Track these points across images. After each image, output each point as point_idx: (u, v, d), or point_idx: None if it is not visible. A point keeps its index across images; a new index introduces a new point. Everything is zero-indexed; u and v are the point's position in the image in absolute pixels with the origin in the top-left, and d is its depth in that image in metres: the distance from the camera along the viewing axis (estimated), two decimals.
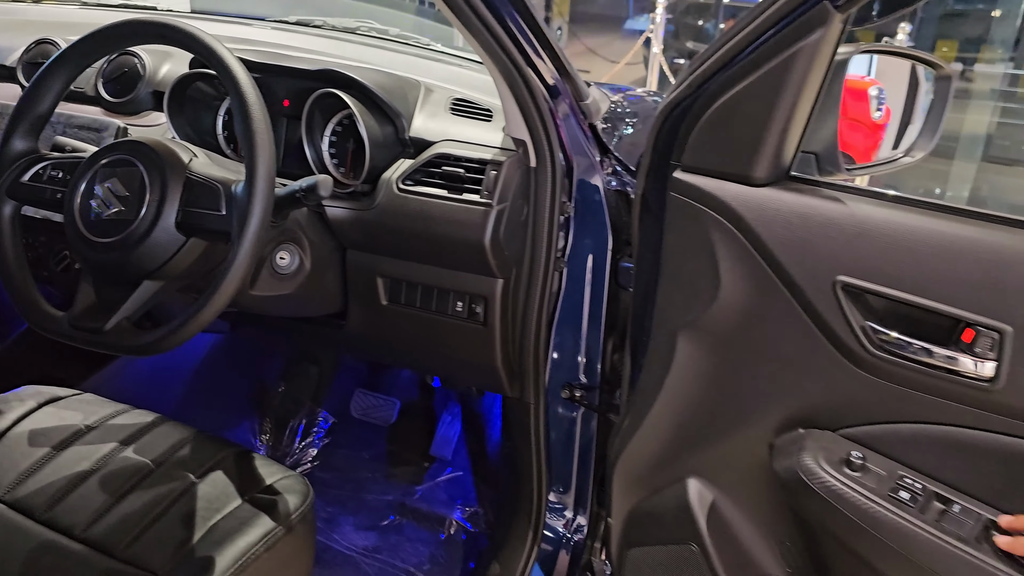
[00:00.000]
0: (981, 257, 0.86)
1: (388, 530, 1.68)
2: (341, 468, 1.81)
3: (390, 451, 1.84)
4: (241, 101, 0.97)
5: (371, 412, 1.87)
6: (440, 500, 1.73)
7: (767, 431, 1.05)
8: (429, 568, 1.59)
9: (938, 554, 0.88)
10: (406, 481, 1.78)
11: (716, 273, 1.02)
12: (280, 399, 1.89)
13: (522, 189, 1.21)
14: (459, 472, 1.77)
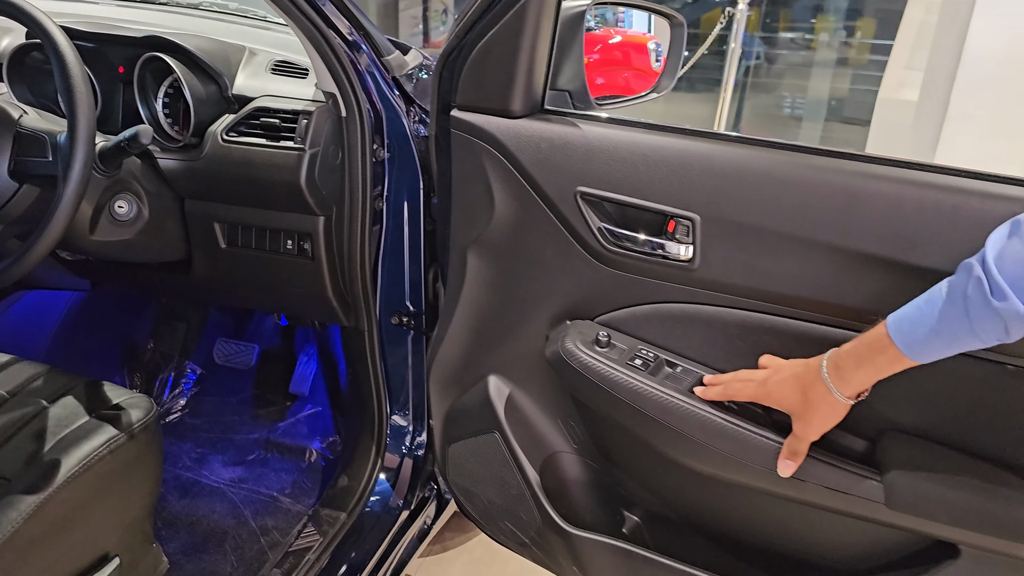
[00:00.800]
0: (674, 162, 1.07)
1: (254, 463, 1.83)
2: (210, 413, 1.95)
3: (254, 394, 1.99)
4: (58, 57, 1.11)
5: (233, 358, 2.02)
6: (301, 434, 1.89)
7: (543, 326, 1.25)
8: (291, 491, 1.75)
9: (663, 405, 1.09)
10: (269, 420, 1.93)
11: (490, 195, 1.21)
12: (150, 355, 2.01)
13: (335, 136, 1.38)
14: (317, 408, 1.94)
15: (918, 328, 0.84)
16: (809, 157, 1.04)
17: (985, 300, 0.78)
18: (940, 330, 0.82)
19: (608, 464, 1.31)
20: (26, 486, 1.08)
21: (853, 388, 0.91)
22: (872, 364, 0.88)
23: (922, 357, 0.85)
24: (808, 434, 0.97)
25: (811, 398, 0.94)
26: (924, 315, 0.84)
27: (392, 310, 1.57)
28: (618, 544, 1.24)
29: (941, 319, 0.82)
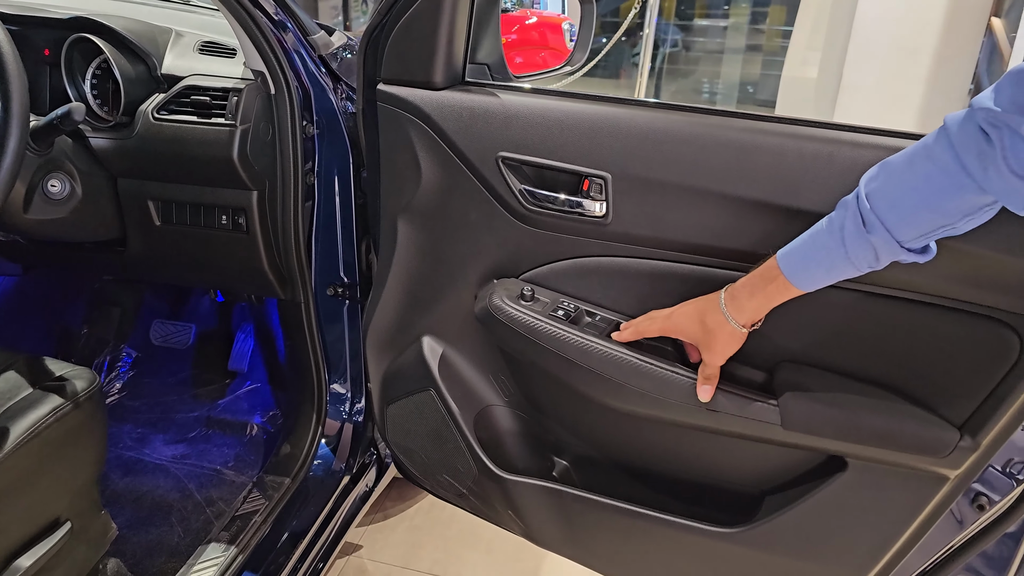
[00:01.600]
0: (586, 126, 1.16)
1: (196, 440, 1.87)
2: (149, 395, 1.98)
3: (193, 374, 2.03)
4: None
5: (170, 338, 2.05)
6: (241, 409, 1.93)
7: (472, 285, 1.33)
8: (233, 464, 1.80)
9: (584, 350, 1.18)
10: (209, 398, 1.97)
11: (417, 163, 1.29)
12: (84, 340, 2.02)
13: (265, 113, 1.43)
14: (256, 384, 1.99)
15: (802, 259, 0.94)
16: (705, 117, 1.14)
17: (859, 232, 0.88)
18: (821, 259, 0.93)
19: (537, 414, 1.40)
20: None
21: (747, 316, 1.02)
22: (763, 293, 0.98)
23: (806, 285, 0.95)
24: (713, 360, 1.08)
25: (711, 327, 1.05)
26: (807, 247, 0.94)
27: (327, 282, 1.63)
28: (548, 485, 1.34)
29: (822, 250, 0.92)
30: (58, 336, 2.05)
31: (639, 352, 1.17)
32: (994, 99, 0.78)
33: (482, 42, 1.34)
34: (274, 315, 2.01)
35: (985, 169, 0.80)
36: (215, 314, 2.11)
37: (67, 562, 1.24)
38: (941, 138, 0.84)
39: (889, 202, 0.87)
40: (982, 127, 0.80)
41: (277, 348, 2.01)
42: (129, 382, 2.00)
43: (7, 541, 1.14)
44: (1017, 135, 0.76)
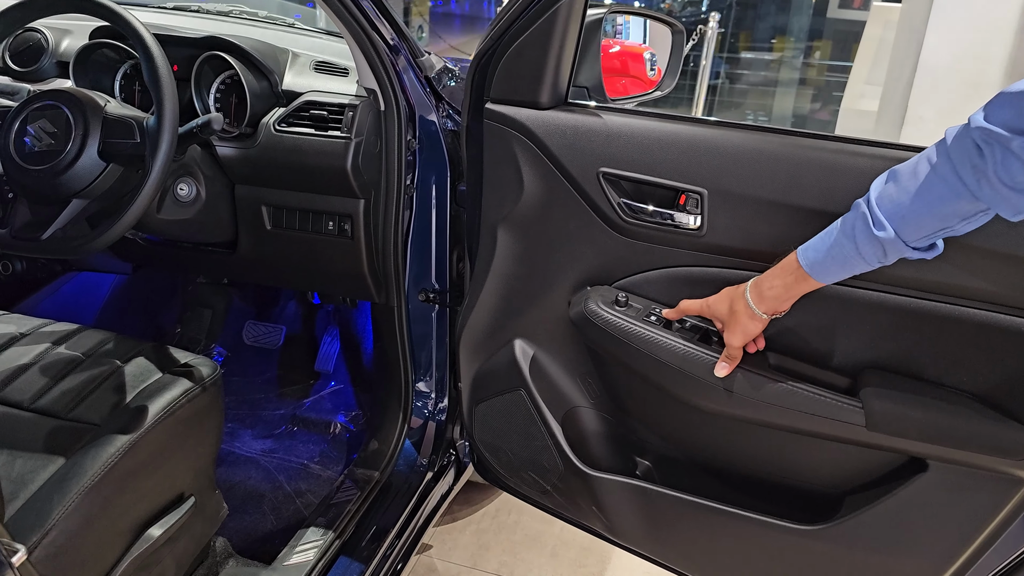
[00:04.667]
0: (684, 145, 1.25)
1: (282, 436, 1.97)
2: (237, 392, 2.09)
3: (280, 374, 2.14)
4: (147, 53, 1.27)
5: (261, 338, 2.16)
6: (326, 409, 2.04)
7: (566, 292, 1.42)
8: (319, 460, 1.90)
9: (676, 352, 1.27)
10: (295, 397, 2.08)
11: (520, 177, 1.39)
12: (177, 339, 2.15)
13: (375, 128, 1.55)
14: (341, 385, 2.09)
15: (819, 253, 1.04)
16: (796, 139, 1.23)
17: (868, 230, 0.98)
18: (835, 255, 1.03)
19: (622, 416, 1.48)
20: (117, 429, 1.22)
21: (767, 305, 1.12)
22: (783, 284, 1.09)
23: (822, 277, 1.06)
24: (732, 340, 1.19)
25: (736, 310, 1.16)
26: (824, 243, 1.04)
27: (419, 288, 1.73)
28: (632, 482, 1.41)
29: (836, 245, 1.02)
30: (154, 334, 2.18)
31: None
32: (986, 117, 0.88)
33: (583, 66, 1.44)
34: (359, 320, 2.12)
35: (978, 180, 0.89)
36: (302, 317, 2.23)
37: (187, 535, 1.34)
38: (940, 150, 0.94)
39: (895, 205, 0.97)
40: (976, 142, 0.89)
41: (362, 351, 2.11)
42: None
43: (143, 510, 1.25)
44: (1008, 151, 0.85)
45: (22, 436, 1.24)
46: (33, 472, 1.18)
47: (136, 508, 1.23)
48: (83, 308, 2.08)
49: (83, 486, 1.13)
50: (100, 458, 1.17)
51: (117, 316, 2.12)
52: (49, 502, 1.12)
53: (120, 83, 1.65)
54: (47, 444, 1.22)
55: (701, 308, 1.24)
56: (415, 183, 1.64)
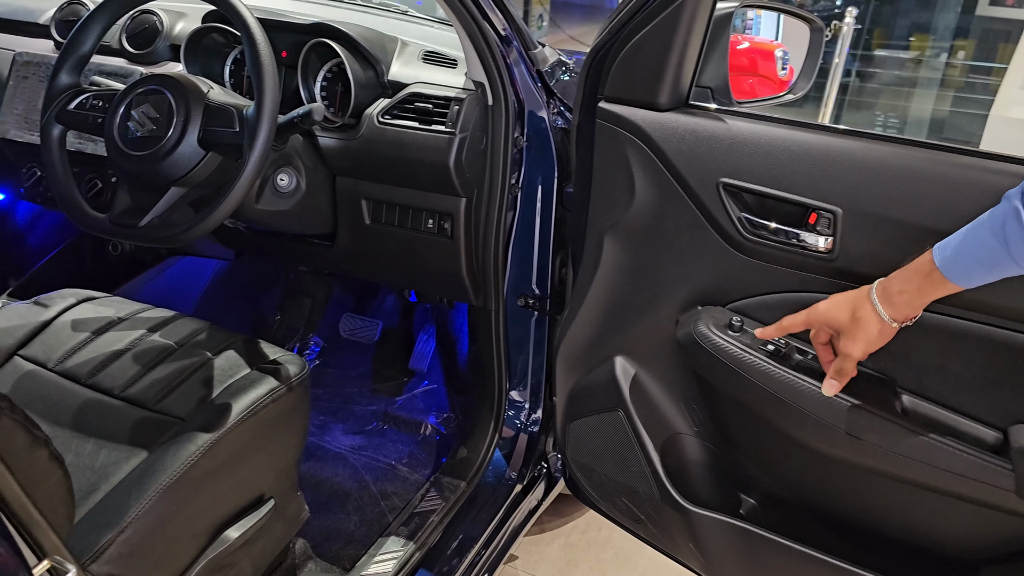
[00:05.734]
0: (817, 157, 1.12)
1: (372, 433, 1.93)
2: (331, 385, 2.06)
3: (374, 369, 2.10)
4: (251, 39, 1.22)
5: (357, 332, 2.13)
6: (417, 408, 1.99)
7: (673, 310, 1.31)
8: (407, 461, 1.85)
9: (794, 388, 1.14)
10: (388, 394, 2.03)
11: (631, 182, 1.28)
12: (277, 326, 2.14)
13: (481, 123, 1.47)
14: (434, 385, 2.03)
15: (961, 253, 0.90)
16: (950, 156, 1.07)
17: (1022, 227, 0.84)
18: (980, 256, 0.89)
19: (728, 447, 1.36)
20: (200, 425, 1.19)
21: (898, 311, 0.98)
22: (916, 287, 0.95)
23: (963, 281, 0.91)
24: (854, 350, 1.03)
25: (860, 317, 1.01)
26: (967, 241, 0.90)
27: (519, 292, 1.65)
28: (735, 523, 1.29)
29: (981, 245, 0.88)
30: (254, 320, 2.18)
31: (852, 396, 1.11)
32: None
33: (708, 65, 1.32)
34: (457, 320, 2.06)
35: None
36: (399, 313, 2.18)
37: (266, 538, 1.31)
38: None
39: None
40: None
41: (457, 352, 2.05)
42: (314, 370, 2.09)
43: (221, 511, 1.21)
44: None
45: (109, 425, 1.23)
46: (116, 464, 1.16)
47: (214, 509, 1.20)
48: (185, 292, 2.09)
49: (161, 484, 1.11)
50: (180, 456, 1.14)
51: (219, 301, 2.14)
52: (127, 498, 1.09)
53: (230, 68, 1.64)
54: (132, 435, 1.21)
55: (809, 320, 1.08)
56: (520, 182, 1.55)
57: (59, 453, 0.88)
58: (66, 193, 1.33)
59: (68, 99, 1.34)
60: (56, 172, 1.34)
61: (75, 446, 1.20)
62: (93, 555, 1.03)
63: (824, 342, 1.10)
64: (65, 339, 1.38)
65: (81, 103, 1.33)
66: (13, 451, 0.79)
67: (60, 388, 1.30)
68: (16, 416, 0.79)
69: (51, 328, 1.40)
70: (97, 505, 1.10)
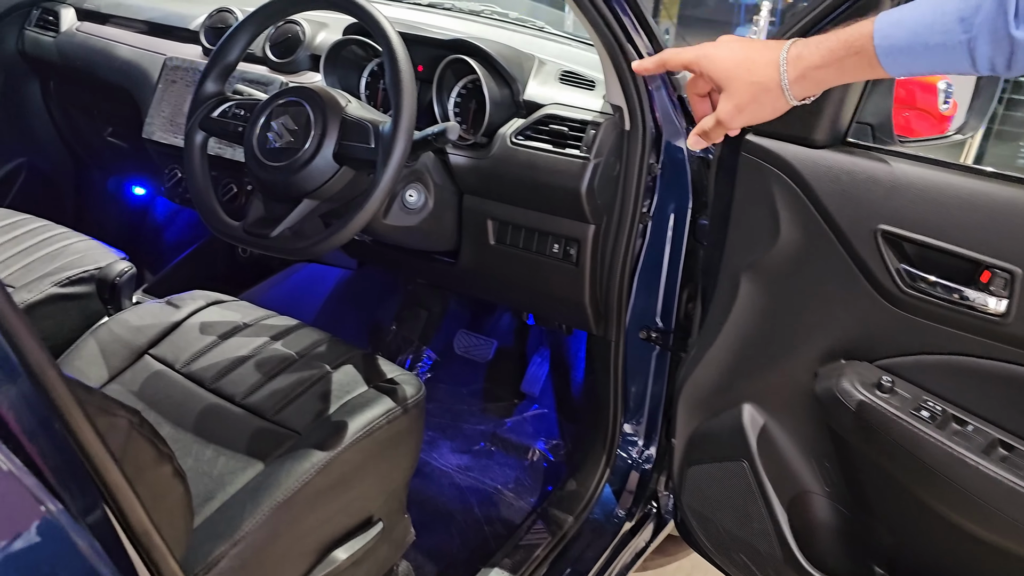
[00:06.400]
0: (997, 209, 1.01)
1: (480, 454, 1.90)
2: (442, 400, 2.05)
3: (485, 388, 2.07)
4: (392, 56, 1.21)
5: (471, 350, 2.11)
6: (526, 432, 1.94)
7: (812, 361, 1.22)
8: (513, 487, 1.81)
9: (951, 461, 1.03)
10: (497, 415, 2.00)
11: (776, 222, 1.20)
12: (392, 336, 2.14)
13: (616, 148, 1.41)
14: (544, 409, 1.99)
15: (907, 33, 0.74)
16: None
17: (1002, 22, 0.68)
18: (930, 42, 0.73)
19: (862, 513, 1.26)
20: (316, 442, 1.18)
21: (805, 88, 0.83)
22: (838, 63, 0.79)
23: (898, 67, 0.76)
24: (729, 116, 0.88)
25: (756, 80, 0.84)
26: (920, 20, 0.74)
27: (641, 324, 1.58)
28: None
29: (937, 30, 0.72)
30: (371, 329, 2.19)
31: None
32: None
33: (871, 99, 1.22)
34: (572, 345, 2.01)
35: None
36: (514, 333, 2.15)
37: (371, 560, 1.29)
38: None
39: None
40: None
41: (571, 378, 2.00)
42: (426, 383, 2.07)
43: (330, 531, 1.20)
44: None
45: (229, 432, 1.24)
46: (232, 473, 1.17)
47: (324, 528, 1.19)
48: (308, 297, 2.12)
49: (275, 500, 1.10)
50: (296, 472, 1.13)
51: (339, 308, 2.16)
52: (241, 511, 1.09)
53: (366, 80, 1.64)
54: (249, 445, 1.21)
55: (695, 59, 0.91)
56: (651, 211, 1.49)
57: (182, 469, 0.88)
58: (204, 199, 1.35)
59: (212, 107, 1.36)
60: (196, 177, 1.36)
61: (195, 451, 1.21)
62: (206, 566, 1.03)
63: (702, 93, 0.94)
64: (193, 341, 1.40)
65: (224, 111, 1.35)
66: (139, 467, 0.79)
67: (185, 390, 1.32)
68: (144, 431, 0.79)
69: (181, 329, 1.43)
70: (212, 515, 1.10)
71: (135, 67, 1.87)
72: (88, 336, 1.40)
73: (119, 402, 0.77)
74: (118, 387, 1.32)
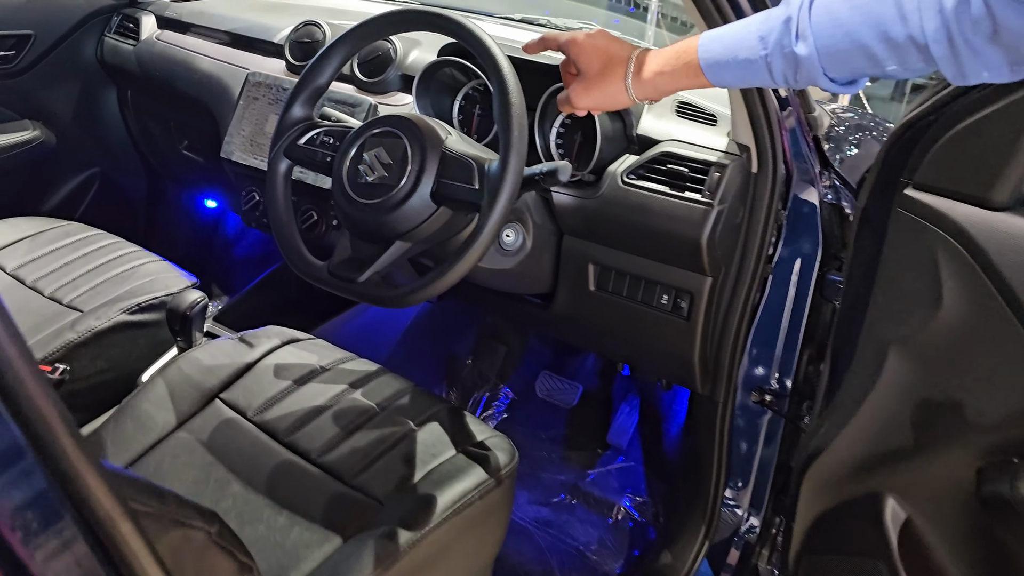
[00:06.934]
0: None
1: (560, 508, 1.76)
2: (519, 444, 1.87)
3: (567, 434, 1.92)
4: (503, 86, 1.07)
5: (555, 394, 1.96)
6: (611, 487, 1.79)
7: (975, 455, 1.04)
8: (597, 548, 1.66)
9: None
10: (580, 465, 1.85)
11: (938, 291, 1.03)
12: (468, 371, 2.01)
13: (741, 192, 1.26)
14: (631, 462, 1.83)
15: (724, 48, 0.84)
16: None
17: (788, 40, 0.78)
18: (740, 56, 0.82)
19: None
20: (401, 518, 1.06)
21: (644, 90, 0.93)
22: (671, 72, 0.89)
23: (717, 78, 0.86)
24: (580, 101, 1.00)
25: (606, 74, 0.95)
26: (734, 37, 0.83)
27: (752, 384, 1.42)
28: None
29: (745, 44, 0.82)
30: (447, 363, 2.06)
31: None
32: None
33: None
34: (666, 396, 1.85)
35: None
36: (600, 377, 2.00)
37: None
38: None
39: (829, 15, 0.76)
40: None
41: (663, 431, 1.84)
42: (502, 424, 1.95)
43: None
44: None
45: (304, 496, 1.12)
46: (308, 547, 1.05)
47: None
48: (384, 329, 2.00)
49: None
50: (379, 554, 1.01)
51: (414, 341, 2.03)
52: None
53: (460, 104, 1.51)
54: (327, 514, 1.09)
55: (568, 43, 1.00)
56: (774, 261, 1.33)
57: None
58: (286, 235, 1.24)
59: (299, 133, 1.25)
60: (278, 209, 1.25)
61: (267, 516, 1.09)
62: None
63: (572, 73, 1.03)
64: (267, 386, 1.29)
65: (312, 139, 1.24)
66: None
67: (257, 443, 1.20)
68: (224, 541, 0.67)
69: (254, 371, 1.32)
70: None
71: (215, 81, 1.77)
72: (157, 375, 1.29)
73: (197, 507, 0.65)
74: (186, 435, 1.22)
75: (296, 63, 1.66)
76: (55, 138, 2.08)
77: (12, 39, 1.95)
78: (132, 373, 1.51)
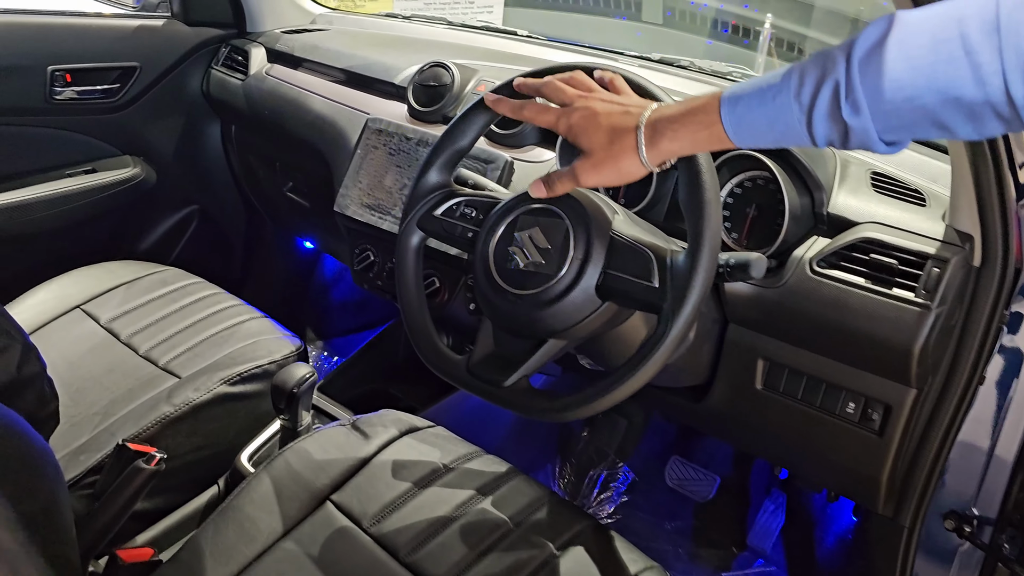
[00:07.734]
0: None
1: None
2: (640, 533, 1.70)
3: (696, 527, 1.71)
4: (693, 165, 0.89)
5: (687, 484, 1.75)
6: None
7: None
8: None
9: None
10: (712, 565, 1.64)
11: None
12: (583, 445, 1.82)
13: (960, 291, 1.05)
14: (771, 568, 1.61)
15: (751, 111, 0.74)
16: None
17: (835, 105, 0.68)
18: (773, 118, 0.73)
19: None
20: None
21: (660, 156, 0.82)
22: (691, 136, 0.80)
23: (743, 141, 0.77)
24: (584, 175, 0.87)
25: (613, 150, 0.84)
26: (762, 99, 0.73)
27: (945, 507, 1.20)
28: None
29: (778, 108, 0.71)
30: (560, 434, 1.87)
31: None
32: None
33: None
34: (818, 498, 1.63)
35: None
36: (736, 466, 1.78)
37: None
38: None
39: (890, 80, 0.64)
40: None
41: (814, 539, 1.61)
42: (621, 508, 1.75)
43: None
44: None
45: None
46: None
47: None
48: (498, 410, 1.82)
49: None
50: None
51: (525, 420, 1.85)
52: None
53: None
54: None
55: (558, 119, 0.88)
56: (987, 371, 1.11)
57: None
58: (419, 324, 1.07)
59: (436, 202, 1.08)
60: (409, 292, 1.09)
61: None
62: None
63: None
64: (383, 489, 1.12)
65: (450, 209, 1.07)
66: None
67: (375, 561, 1.04)
68: None
69: (369, 468, 1.16)
70: None
71: (329, 124, 1.63)
72: (262, 472, 1.14)
73: None
74: (294, 545, 1.06)
75: (420, 108, 1.50)
76: (155, 175, 1.97)
77: (117, 71, 1.84)
78: (230, 450, 1.36)
